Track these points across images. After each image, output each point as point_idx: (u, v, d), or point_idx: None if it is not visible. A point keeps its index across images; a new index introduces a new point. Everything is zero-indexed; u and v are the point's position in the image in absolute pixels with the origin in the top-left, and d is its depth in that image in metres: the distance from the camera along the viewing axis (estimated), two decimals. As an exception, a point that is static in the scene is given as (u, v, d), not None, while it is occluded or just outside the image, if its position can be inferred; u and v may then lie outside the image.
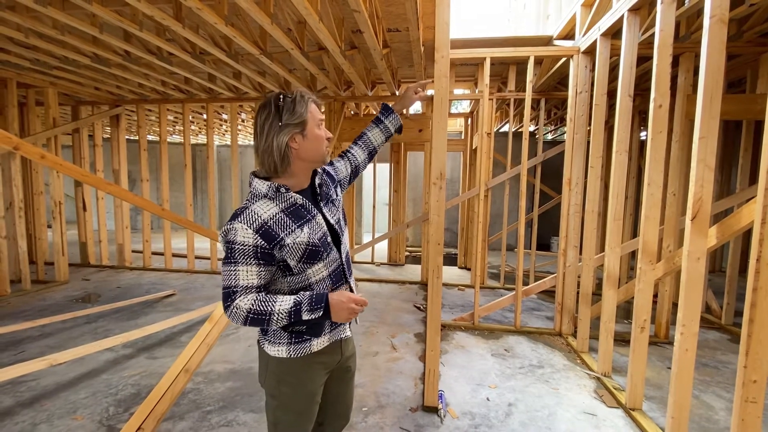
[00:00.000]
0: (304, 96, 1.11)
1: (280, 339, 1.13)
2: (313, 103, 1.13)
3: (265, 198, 1.09)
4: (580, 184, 3.25)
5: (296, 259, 1.08)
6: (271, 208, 1.08)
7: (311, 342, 1.14)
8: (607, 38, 2.76)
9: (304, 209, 1.12)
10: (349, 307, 1.05)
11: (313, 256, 1.10)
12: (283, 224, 1.07)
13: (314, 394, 1.18)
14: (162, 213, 3.84)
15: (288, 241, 1.06)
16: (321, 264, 1.12)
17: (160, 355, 2.94)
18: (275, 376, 1.15)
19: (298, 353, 1.13)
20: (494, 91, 5.02)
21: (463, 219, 6.15)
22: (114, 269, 5.72)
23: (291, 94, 1.10)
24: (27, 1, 2.48)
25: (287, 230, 1.07)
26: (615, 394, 2.43)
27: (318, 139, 1.12)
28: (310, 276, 1.12)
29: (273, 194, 1.09)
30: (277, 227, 1.05)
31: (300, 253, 1.08)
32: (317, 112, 1.13)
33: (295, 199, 1.11)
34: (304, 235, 1.08)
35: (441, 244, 2.25)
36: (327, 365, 1.20)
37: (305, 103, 1.10)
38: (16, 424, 2.07)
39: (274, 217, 1.06)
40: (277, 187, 1.09)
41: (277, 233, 1.05)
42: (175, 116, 7.00)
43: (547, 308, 4.26)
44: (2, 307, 3.93)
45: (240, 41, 3.05)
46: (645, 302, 2.23)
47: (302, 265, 1.09)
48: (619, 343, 3.11)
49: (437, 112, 2.19)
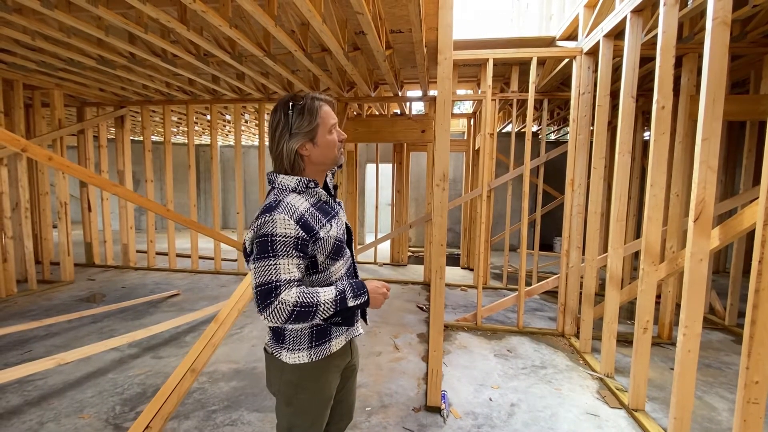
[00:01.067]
0: (314, 102, 1.10)
1: (300, 344, 1.11)
2: (326, 105, 1.13)
3: (294, 192, 1.09)
4: (583, 184, 3.25)
5: (325, 254, 1.09)
6: (302, 201, 1.08)
7: (331, 343, 1.14)
8: (610, 39, 2.76)
9: (328, 205, 1.16)
10: (383, 292, 1.10)
11: (338, 251, 1.12)
12: (316, 218, 1.08)
13: (331, 397, 1.18)
14: (166, 213, 3.86)
15: (322, 234, 1.07)
16: (341, 261, 1.15)
17: (165, 354, 2.96)
18: (292, 384, 1.12)
19: (319, 356, 1.12)
20: (497, 91, 5.03)
21: (465, 219, 6.16)
22: (119, 269, 5.76)
23: (301, 99, 1.10)
24: (33, 3, 2.51)
25: (320, 224, 1.08)
26: (618, 395, 2.43)
27: (329, 145, 1.12)
28: (332, 274, 1.13)
29: (303, 189, 1.10)
30: (312, 220, 1.06)
31: (329, 247, 1.09)
32: (329, 116, 1.12)
33: (320, 194, 1.14)
34: (333, 230, 1.11)
35: (444, 245, 2.26)
36: (340, 367, 1.21)
37: (315, 109, 1.09)
38: (23, 423, 2.10)
39: (308, 210, 1.07)
40: (307, 182, 1.10)
41: (312, 226, 1.05)
42: (179, 117, 7.04)
43: (550, 309, 4.26)
44: (9, 307, 3.97)
45: (244, 43, 3.07)
46: (648, 303, 2.23)
47: (328, 261, 1.11)
48: (622, 343, 3.11)
49: (440, 114, 2.20)
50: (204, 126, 8.24)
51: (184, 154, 9.53)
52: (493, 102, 4.54)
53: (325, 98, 1.14)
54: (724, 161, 4.61)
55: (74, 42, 3.21)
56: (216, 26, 2.75)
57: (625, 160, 2.48)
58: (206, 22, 2.92)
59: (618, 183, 2.51)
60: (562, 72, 3.90)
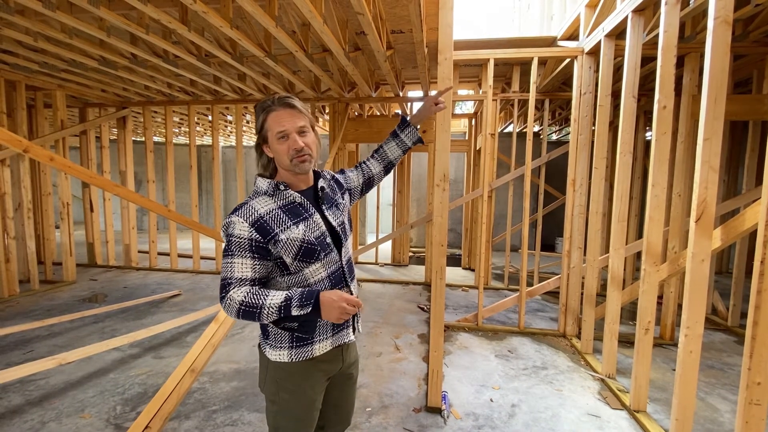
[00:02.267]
0: (266, 106, 1.11)
1: (282, 343, 1.13)
2: (276, 113, 1.10)
3: (265, 195, 1.13)
4: (584, 185, 3.25)
5: (291, 256, 1.09)
6: (268, 204, 1.11)
7: (313, 346, 1.14)
8: (612, 39, 2.75)
9: (302, 207, 1.15)
10: (341, 306, 1.01)
11: (308, 254, 1.11)
12: (279, 220, 1.09)
13: (314, 401, 1.18)
14: (168, 214, 3.87)
15: (282, 236, 1.07)
16: (318, 264, 1.13)
17: (166, 354, 2.97)
18: (275, 381, 1.15)
19: (299, 357, 1.13)
20: (498, 91, 5.02)
21: (467, 220, 6.15)
22: (120, 269, 5.78)
23: (262, 102, 1.13)
24: (36, 5, 2.52)
25: (282, 226, 1.09)
26: (619, 396, 2.42)
27: (277, 152, 1.12)
28: (308, 276, 1.12)
29: (272, 191, 1.13)
30: (272, 222, 1.08)
31: (295, 250, 1.09)
32: (278, 123, 1.09)
33: (293, 197, 1.14)
34: (299, 232, 1.10)
35: (444, 245, 2.25)
36: (328, 372, 1.20)
37: (263, 114, 1.12)
38: (25, 422, 2.11)
39: (270, 212, 1.09)
40: (276, 185, 1.13)
41: (272, 228, 1.07)
42: (180, 118, 7.06)
43: (551, 309, 4.25)
44: (11, 307, 3.98)
45: (245, 44, 3.08)
46: (649, 304, 2.22)
47: (298, 263, 1.10)
48: (623, 344, 3.10)
49: (440, 115, 2.20)
50: (205, 126, 8.26)
51: (186, 154, 9.54)
52: (495, 102, 4.53)
53: (284, 102, 1.11)
54: (727, 161, 4.59)
55: (76, 43, 3.22)
56: (217, 27, 2.75)
57: (627, 160, 2.47)
58: (207, 23, 2.93)
59: (620, 183, 2.50)
60: (563, 72, 3.89)
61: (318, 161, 1.21)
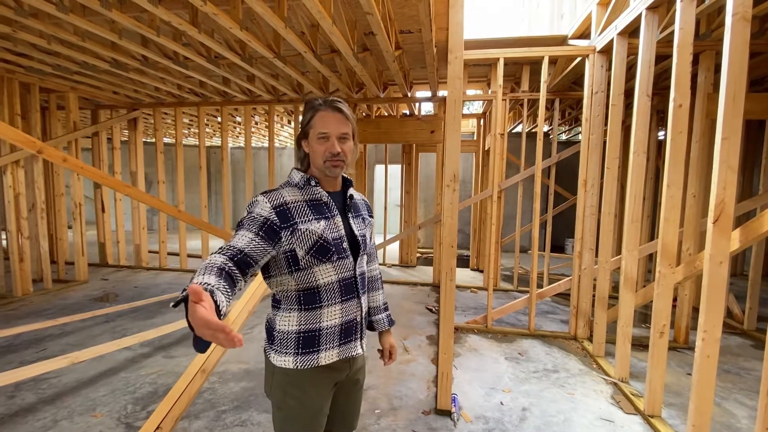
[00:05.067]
0: (316, 105, 1.14)
1: (287, 348, 1.12)
2: (325, 109, 1.12)
3: (295, 187, 1.15)
4: (596, 185, 3.20)
5: (305, 249, 1.08)
6: (296, 195, 1.13)
7: (319, 354, 1.12)
8: (624, 37, 2.71)
9: (326, 207, 1.15)
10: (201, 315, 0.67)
11: (322, 251, 1.10)
12: (302, 211, 1.11)
13: (321, 407, 1.16)
14: (178, 214, 3.91)
15: (301, 227, 1.08)
16: (330, 265, 1.12)
17: (176, 354, 2.99)
18: (281, 387, 1.13)
19: (304, 365, 1.11)
20: (507, 91, 4.98)
21: (475, 220, 6.11)
22: (131, 269, 5.84)
23: (316, 100, 1.14)
24: (49, 8, 2.56)
25: (304, 217, 1.10)
26: (633, 401, 2.38)
27: (314, 151, 1.14)
28: (317, 275, 1.11)
29: (303, 185, 1.16)
30: (295, 211, 1.10)
31: (310, 243, 1.08)
32: (322, 124, 1.11)
33: (321, 195, 1.16)
34: (319, 227, 1.10)
35: (454, 246, 2.23)
36: (335, 378, 1.19)
37: (311, 112, 1.14)
38: (38, 420, 2.13)
39: (295, 202, 1.11)
40: (308, 179, 1.15)
41: (293, 216, 1.09)
42: (190, 119, 7.12)
43: (562, 311, 4.19)
44: (25, 306, 4.05)
45: (254, 45, 3.09)
46: (664, 306, 2.18)
47: (310, 258, 1.09)
48: (636, 347, 3.05)
49: (450, 114, 2.18)
50: (215, 128, 8.33)
51: (196, 155, 9.63)
52: (504, 102, 4.49)
53: (334, 106, 1.12)
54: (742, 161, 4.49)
55: (88, 45, 3.26)
56: (227, 28, 2.77)
57: (641, 160, 2.42)
58: (217, 24, 2.94)
59: (633, 183, 2.45)
60: (574, 71, 3.84)
61: (350, 170, 1.23)
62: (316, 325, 1.12)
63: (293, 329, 1.12)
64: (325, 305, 1.12)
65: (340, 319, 1.15)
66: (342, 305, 1.15)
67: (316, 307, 1.12)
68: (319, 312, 1.12)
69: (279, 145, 10.00)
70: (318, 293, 1.12)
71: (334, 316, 1.14)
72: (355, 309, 1.18)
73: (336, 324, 1.15)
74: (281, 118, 7.17)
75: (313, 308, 1.12)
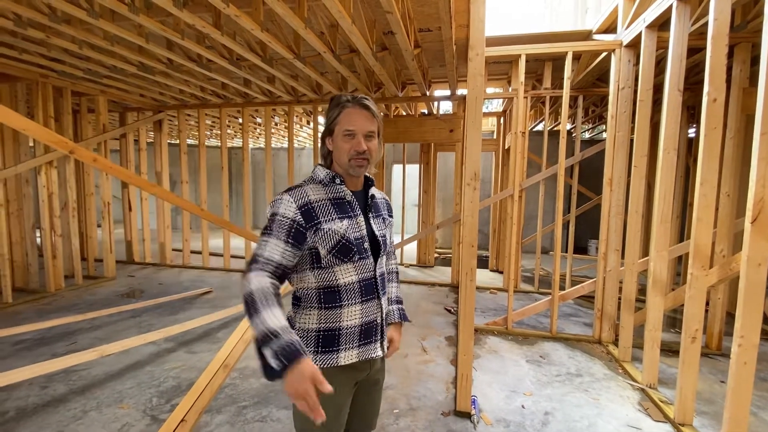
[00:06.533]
0: (343, 101, 1.12)
1: (307, 346, 1.11)
2: (350, 110, 1.11)
3: (320, 184, 1.15)
4: (622, 184, 3.10)
5: (327, 248, 1.08)
6: (320, 192, 1.13)
7: (338, 354, 1.12)
8: (653, 30, 2.61)
9: (349, 206, 1.15)
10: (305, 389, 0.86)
11: (344, 251, 1.10)
12: (326, 210, 1.10)
13: (342, 406, 1.16)
14: (201, 213, 4.00)
15: (324, 226, 1.08)
16: (351, 265, 1.11)
17: (198, 349, 3.05)
18: None
19: (324, 363, 1.11)
20: (528, 88, 4.88)
21: (494, 220, 6.02)
22: (156, 267, 6.02)
23: (339, 96, 1.14)
24: (80, 13, 2.66)
25: (327, 216, 1.10)
26: (662, 408, 2.28)
27: (338, 148, 1.13)
28: (338, 275, 1.11)
29: (327, 182, 1.15)
30: (319, 210, 1.09)
31: (332, 243, 1.08)
32: (348, 122, 1.10)
33: (344, 193, 1.15)
34: (342, 227, 1.10)
35: (475, 246, 2.20)
36: (355, 378, 1.18)
37: (337, 109, 1.13)
38: (68, 411, 2.21)
39: (320, 201, 1.11)
40: (333, 177, 1.15)
41: (317, 215, 1.08)
42: (212, 121, 7.29)
43: (585, 314, 4.08)
44: (57, 301, 4.22)
45: (274, 46, 3.13)
46: (697, 310, 2.08)
47: (331, 257, 1.09)
48: (665, 353, 2.93)
49: (471, 111, 2.15)
50: (236, 129, 8.50)
51: (217, 156, 9.83)
52: (525, 99, 4.41)
53: (361, 103, 1.11)
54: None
55: (117, 49, 3.37)
56: (248, 30, 2.81)
57: (671, 158, 2.33)
58: (239, 26, 3.00)
59: (663, 182, 2.36)
60: (598, 67, 3.73)
61: (373, 170, 1.21)
62: (335, 324, 1.12)
63: (313, 327, 1.12)
64: (345, 305, 1.12)
65: (360, 320, 1.15)
66: (362, 306, 1.14)
67: (336, 306, 1.12)
68: (339, 311, 1.12)
69: (298, 145, 10.12)
70: (338, 293, 1.11)
71: (354, 316, 1.13)
72: (375, 310, 1.18)
73: (356, 324, 1.14)
74: (300, 119, 7.25)
75: (333, 307, 1.12)
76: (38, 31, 3.06)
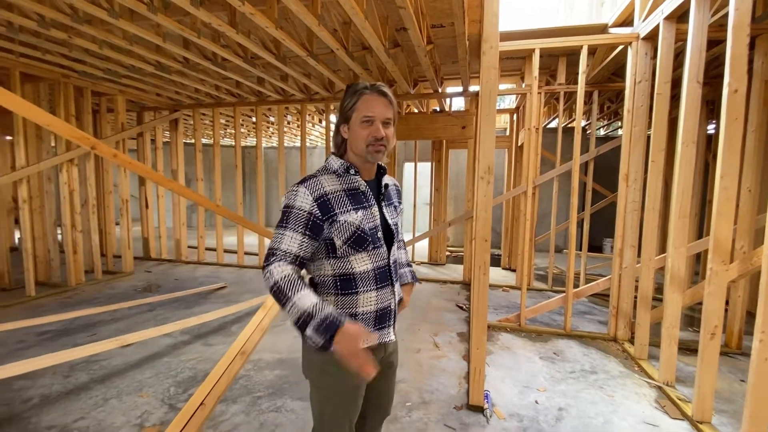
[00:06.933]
0: (361, 87, 1.13)
1: None
2: (372, 94, 1.12)
3: (334, 174, 1.15)
4: (638, 179, 3.05)
5: (343, 239, 1.10)
6: (334, 183, 1.13)
7: None
8: (672, 22, 2.56)
9: (363, 196, 1.16)
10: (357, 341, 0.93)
11: (359, 242, 1.12)
12: (341, 201, 1.11)
13: (358, 387, 1.18)
14: (216, 208, 4.07)
15: (340, 218, 1.09)
16: (365, 254, 1.13)
17: (213, 342, 3.11)
18: (318, 366, 1.16)
19: None
20: (542, 84, 4.83)
21: (507, 218, 5.97)
22: (172, 263, 6.14)
23: (356, 84, 1.14)
24: (101, 13, 2.73)
25: (343, 208, 1.10)
26: (680, 405, 2.24)
27: (356, 135, 1.13)
28: (354, 264, 1.13)
29: (342, 172, 1.16)
30: (334, 202, 1.10)
31: (348, 234, 1.10)
32: (366, 108, 1.11)
33: (358, 183, 1.16)
34: (357, 218, 1.11)
35: (488, 240, 2.19)
36: None
37: (355, 96, 1.13)
38: (90, 399, 2.28)
39: (335, 192, 1.11)
40: (347, 167, 1.15)
41: (333, 207, 1.09)
42: (226, 120, 7.40)
43: (600, 312, 4.02)
44: (78, 294, 4.34)
45: (288, 43, 3.16)
46: (716, 306, 2.04)
47: (347, 247, 1.11)
48: (682, 352, 2.87)
49: (484, 106, 2.14)
50: (249, 128, 8.61)
51: (231, 155, 9.98)
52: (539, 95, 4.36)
53: (379, 90, 1.13)
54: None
55: (135, 49, 3.45)
56: (263, 28, 2.85)
57: (690, 151, 2.28)
58: (254, 24, 3.04)
59: (681, 176, 2.31)
60: (614, 61, 3.68)
61: (386, 159, 1.23)
62: (351, 310, 1.14)
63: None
64: (361, 291, 1.15)
65: (375, 306, 1.17)
66: (377, 292, 1.17)
67: (352, 293, 1.14)
68: (355, 298, 1.14)
69: (310, 144, 10.20)
70: (354, 280, 1.14)
71: (369, 302, 1.16)
72: (389, 296, 1.21)
73: (371, 311, 1.17)
74: (312, 117, 7.30)
75: (349, 293, 1.14)
76: (60, 31, 3.15)
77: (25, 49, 3.60)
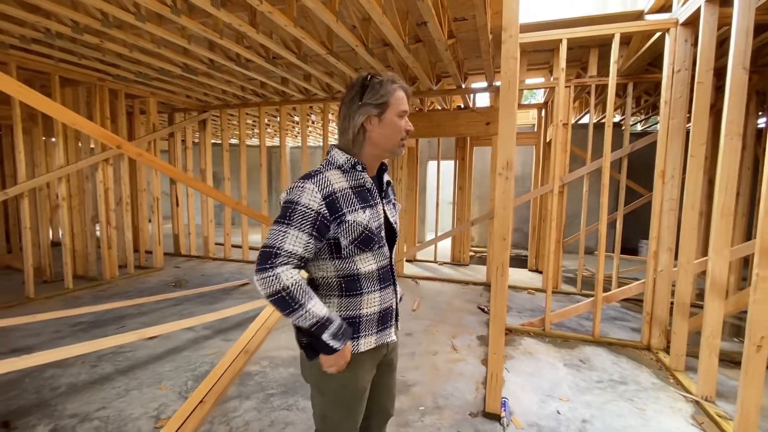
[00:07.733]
0: (393, 80, 1.09)
1: None
2: (401, 90, 1.10)
3: (339, 170, 1.09)
4: (676, 176, 2.83)
5: (349, 239, 1.05)
6: (341, 180, 1.07)
7: (359, 341, 1.11)
8: (714, 5, 2.35)
9: (369, 194, 1.12)
10: (340, 365, 1.07)
11: (365, 242, 1.08)
12: (349, 200, 1.06)
13: (364, 389, 1.16)
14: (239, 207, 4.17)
15: (349, 218, 1.04)
16: (370, 254, 1.10)
17: (233, 337, 3.16)
18: (322, 371, 1.10)
19: None
20: (571, 77, 4.60)
21: (534, 218, 5.76)
22: (200, 259, 6.34)
23: (380, 76, 1.09)
24: (129, 17, 2.83)
25: (351, 207, 1.06)
26: (720, 423, 2.05)
27: (394, 127, 1.09)
28: (359, 264, 1.09)
29: (348, 168, 1.09)
30: (343, 201, 1.05)
31: (355, 234, 1.06)
32: (402, 102, 1.09)
33: (365, 181, 1.12)
34: (365, 217, 1.07)
35: (507, 239, 2.09)
36: (375, 359, 1.18)
37: (391, 88, 1.08)
38: (113, 389, 2.36)
39: (342, 190, 1.06)
40: (354, 163, 1.09)
41: (341, 206, 1.04)
42: (252, 120, 7.57)
43: (633, 318, 3.78)
44: (111, 288, 4.55)
45: (308, 42, 3.16)
46: (763, 315, 1.84)
47: (353, 247, 1.07)
48: (724, 364, 2.64)
49: (504, 97, 2.04)
50: (275, 128, 8.77)
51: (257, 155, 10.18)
52: (567, 89, 4.16)
53: (403, 85, 1.11)
54: None
55: (163, 52, 3.57)
56: (282, 26, 2.86)
57: (735, 144, 2.08)
58: (274, 24, 3.05)
59: (724, 171, 2.11)
60: (650, 51, 3.43)
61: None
62: (356, 312, 1.11)
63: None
64: (366, 292, 1.12)
65: (379, 307, 1.15)
66: (381, 293, 1.15)
67: (357, 294, 1.11)
68: (360, 299, 1.11)
69: (335, 143, 10.28)
70: (359, 281, 1.10)
71: (373, 303, 1.13)
72: (391, 296, 1.19)
73: (375, 311, 1.14)
74: (336, 116, 7.34)
75: (354, 295, 1.11)
76: (93, 36, 3.30)
77: (63, 54, 3.80)
